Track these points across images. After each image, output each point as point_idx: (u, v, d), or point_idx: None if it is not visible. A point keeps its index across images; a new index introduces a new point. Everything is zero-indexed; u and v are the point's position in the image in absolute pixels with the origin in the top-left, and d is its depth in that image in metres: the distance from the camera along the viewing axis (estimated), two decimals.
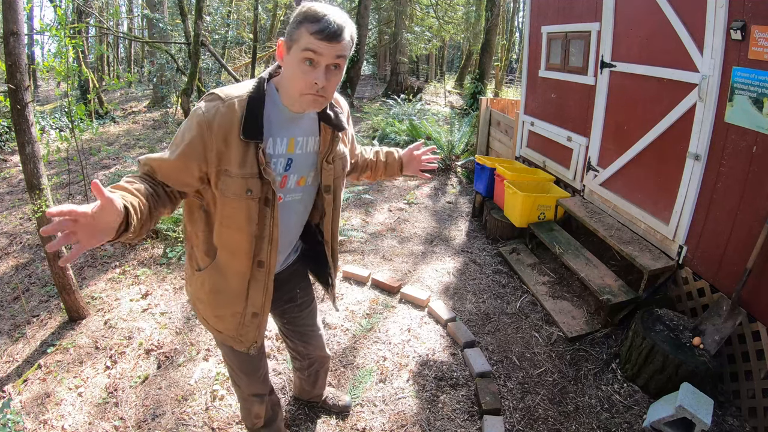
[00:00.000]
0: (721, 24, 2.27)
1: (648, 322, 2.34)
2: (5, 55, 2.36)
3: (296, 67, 1.09)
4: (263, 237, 1.24)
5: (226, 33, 11.27)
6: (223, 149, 1.12)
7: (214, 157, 1.12)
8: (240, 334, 1.38)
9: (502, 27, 15.68)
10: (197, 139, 1.10)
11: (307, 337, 1.76)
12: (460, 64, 16.39)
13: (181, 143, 1.12)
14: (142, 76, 14.09)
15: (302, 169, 1.30)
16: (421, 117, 7.32)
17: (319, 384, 2.02)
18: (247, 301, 1.32)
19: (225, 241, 1.24)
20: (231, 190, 1.15)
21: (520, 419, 2.14)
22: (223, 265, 1.28)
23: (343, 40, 1.08)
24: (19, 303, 3.10)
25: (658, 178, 2.85)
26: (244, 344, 1.41)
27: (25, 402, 2.23)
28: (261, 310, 1.35)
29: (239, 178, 1.14)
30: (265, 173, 1.15)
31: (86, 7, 7.82)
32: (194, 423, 2.08)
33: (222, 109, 1.10)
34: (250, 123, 1.11)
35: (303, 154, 1.28)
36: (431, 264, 3.60)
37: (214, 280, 1.31)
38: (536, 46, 4.33)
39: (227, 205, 1.18)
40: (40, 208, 2.51)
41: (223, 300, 1.33)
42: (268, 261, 1.28)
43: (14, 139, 4.44)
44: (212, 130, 1.10)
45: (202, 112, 1.11)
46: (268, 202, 1.20)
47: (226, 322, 1.37)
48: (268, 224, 1.23)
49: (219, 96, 1.14)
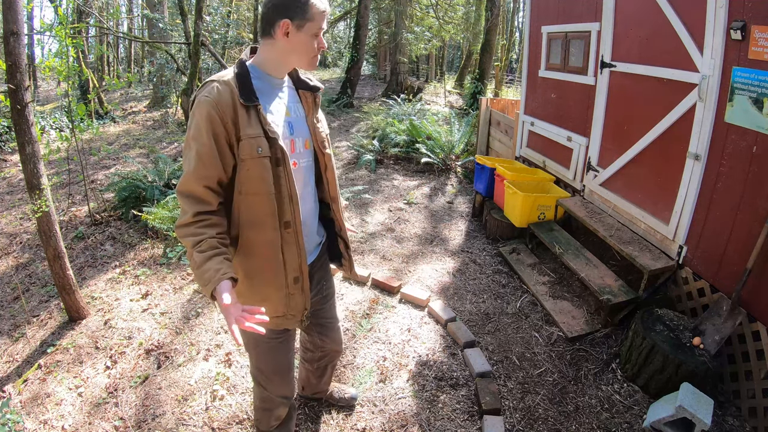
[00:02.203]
0: (721, 24, 2.27)
1: (648, 322, 2.34)
2: (5, 55, 2.36)
3: (310, 40, 1.28)
4: (283, 196, 1.30)
5: (226, 33, 11.27)
6: (234, 116, 1.22)
7: (231, 125, 1.22)
8: (289, 307, 1.41)
9: (502, 27, 15.68)
10: (213, 119, 1.19)
11: (326, 329, 1.77)
12: (460, 64, 16.38)
13: (202, 134, 1.20)
14: (142, 76, 14.09)
15: (302, 131, 1.42)
16: (421, 117, 7.31)
17: (325, 378, 2.02)
18: (285, 268, 1.36)
19: (248, 211, 1.29)
20: (245, 151, 1.23)
21: (520, 419, 2.14)
22: (250, 245, 1.33)
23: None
24: (19, 303, 3.10)
25: (658, 178, 2.85)
26: (296, 317, 1.45)
27: (25, 402, 2.23)
28: (300, 273, 1.39)
29: (248, 138, 1.23)
30: (269, 132, 1.25)
31: (86, 7, 7.82)
32: (194, 423, 2.08)
33: (220, 87, 1.22)
34: (245, 89, 1.24)
35: (297, 118, 1.41)
36: (431, 264, 3.60)
37: (247, 264, 1.35)
38: (536, 46, 4.33)
39: (243, 169, 1.25)
40: (40, 208, 2.51)
41: (261, 279, 1.37)
42: (294, 220, 1.33)
43: (14, 139, 4.44)
44: (221, 105, 1.20)
45: (205, 97, 1.20)
46: (279, 161, 1.28)
47: (272, 300, 1.39)
48: (285, 183, 1.30)
49: (212, 79, 1.26)
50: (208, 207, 1.23)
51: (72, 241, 3.94)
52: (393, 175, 5.87)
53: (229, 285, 1.13)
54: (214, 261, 1.16)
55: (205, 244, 1.18)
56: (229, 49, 13.04)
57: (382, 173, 5.95)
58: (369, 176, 5.80)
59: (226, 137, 1.23)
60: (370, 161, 6.11)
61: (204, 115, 1.20)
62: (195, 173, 1.21)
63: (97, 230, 4.13)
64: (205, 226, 1.21)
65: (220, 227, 1.24)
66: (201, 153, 1.21)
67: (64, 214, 4.48)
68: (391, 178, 5.75)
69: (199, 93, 1.25)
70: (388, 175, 5.86)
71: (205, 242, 1.18)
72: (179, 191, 1.24)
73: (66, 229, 4.17)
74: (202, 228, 1.21)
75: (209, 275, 1.14)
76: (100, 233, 4.07)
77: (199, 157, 1.21)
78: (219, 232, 1.23)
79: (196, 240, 1.19)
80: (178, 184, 1.24)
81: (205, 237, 1.19)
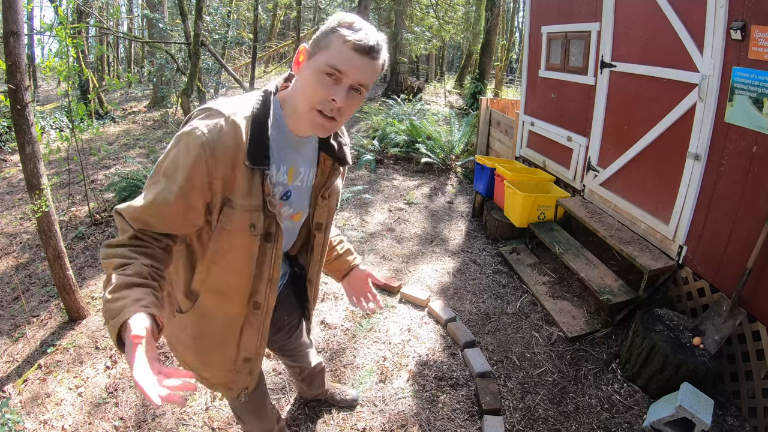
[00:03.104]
0: (721, 24, 2.27)
1: (648, 322, 2.34)
2: (5, 55, 2.36)
3: (316, 76, 0.92)
4: (262, 277, 1.09)
5: (226, 33, 11.26)
6: (229, 175, 0.94)
7: (220, 185, 0.94)
8: (230, 380, 1.24)
9: (502, 27, 15.68)
10: (200, 167, 0.91)
11: (295, 358, 1.73)
12: (460, 64, 16.39)
13: (177, 177, 0.91)
14: (142, 76, 14.09)
15: (299, 203, 1.14)
16: (421, 117, 7.32)
17: (315, 385, 2.01)
18: (239, 347, 1.17)
19: (214, 283, 1.08)
20: (233, 224, 0.98)
21: (520, 419, 2.14)
22: (209, 309, 1.12)
23: (377, 60, 0.94)
24: (19, 303, 3.10)
25: (658, 178, 2.85)
26: (234, 391, 1.28)
27: (25, 402, 2.23)
28: (255, 355, 1.21)
29: (243, 210, 0.97)
30: (270, 205, 1.00)
31: (86, 7, 7.82)
32: (194, 423, 2.08)
33: (225, 128, 0.92)
34: (257, 146, 0.94)
35: (302, 188, 1.13)
36: (431, 264, 3.60)
37: (199, 325, 1.14)
38: (536, 46, 4.33)
39: (223, 240, 1.01)
40: (40, 208, 2.51)
41: (209, 346, 1.17)
42: (266, 302, 1.13)
43: (14, 139, 4.44)
44: (216, 155, 0.91)
45: (201, 133, 0.90)
46: (270, 237, 1.04)
47: (213, 368, 1.21)
48: (269, 262, 1.07)
49: (219, 111, 0.94)
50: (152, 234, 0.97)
51: (72, 241, 3.94)
52: (393, 175, 5.87)
53: (150, 322, 0.80)
54: (135, 290, 0.85)
55: (132, 269, 0.88)
56: (229, 49, 13.04)
57: (382, 173, 5.95)
58: (369, 176, 5.80)
59: (207, 197, 0.95)
60: (370, 161, 6.12)
61: (190, 161, 0.90)
62: (141, 210, 0.94)
63: (97, 230, 4.13)
64: (140, 252, 0.93)
65: (158, 261, 0.95)
66: (160, 204, 0.93)
67: (64, 214, 4.48)
68: (391, 178, 5.75)
69: (196, 120, 0.94)
70: (388, 175, 5.86)
71: (132, 266, 0.89)
72: (119, 211, 0.97)
73: (66, 229, 4.16)
74: (135, 252, 0.92)
75: (121, 305, 0.81)
76: (100, 233, 4.07)
77: (156, 206, 0.93)
78: (155, 264, 0.93)
79: (121, 262, 0.90)
80: (124, 205, 0.97)
81: (135, 262, 0.90)
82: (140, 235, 0.95)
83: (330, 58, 0.91)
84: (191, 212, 0.96)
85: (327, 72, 0.91)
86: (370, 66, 0.93)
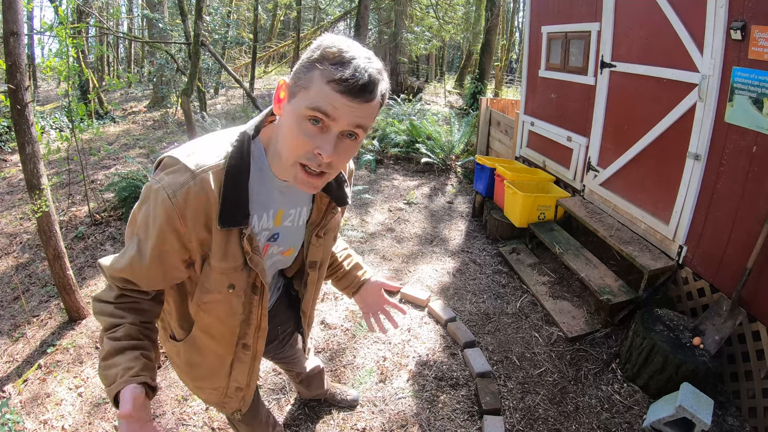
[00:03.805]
0: (721, 24, 2.27)
1: (648, 322, 2.34)
2: (5, 55, 2.36)
3: (296, 123, 0.77)
4: (250, 323, 1.05)
5: (226, 33, 11.27)
6: (204, 236, 0.88)
7: (196, 245, 0.89)
8: (223, 402, 1.24)
9: (502, 27, 15.68)
10: (170, 233, 0.84)
11: (290, 364, 1.73)
12: (460, 64, 16.39)
13: (149, 242, 0.86)
14: (142, 76, 14.09)
15: (290, 241, 1.07)
16: (421, 117, 7.32)
17: (314, 386, 2.00)
18: (229, 378, 1.16)
19: (202, 325, 1.05)
20: (209, 283, 0.94)
21: (520, 419, 2.14)
22: (200, 344, 1.08)
23: (372, 99, 0.77)
24: (19, 303, 3.10)
25: (658, 178, 2.85)
26: (227, 410, 1.28)
27: (25, 402, 2.23)
28: (246, 386, 1.20)
29: (219, 273, 0.91)
30: (251, 263, 0.93)
31: (86, 7, 7.82)
32: (194, 423, 2.08)
33: (194, 189, 0.82)
34: (231, 205, 0.84)
35: (293, 228, 1.04)
36: (431, 264, 3.60)
37: (191, 355, 1.11)
38: (536, 46, 4.33)
39: (205, 295, 0.97)
40: (40, 208, 2.51)
41: (201, 374, 1.15)
42: (255, 346, 1.11)
43: (14, 139, 4.44)
44: (187, 221, 0.83)
45: (167, 197, 0.81)
46: (255, 289, 1.00)
47: (205, 393, 1.21)
48: (256, 312, 1.04)
49: (186, 167, 0.83)
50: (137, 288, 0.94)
51: (72, 241, 3.94)
52: (393, 175, 5.87)
53: (139, 392, 0.83)
54: (126, 356, 0.88)
55: (121, 330, 0.90)
56: (229, 49, 13.05)
57: (382, 173, 5.95)
58: (369, 176, 5.80)
59: (184, 256, 0.90)
60: (370, 161, 6.12)
61: (155, 224, 0.84)
62: (121, 272, 0.91)
63: (97, 230, 4.13)
64: (128, 309, 0.93)
65: (146, 315, 0.96)
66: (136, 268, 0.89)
67: (64, 214, 4.48)
68: (391, 178, 5.75)
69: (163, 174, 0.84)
70: (388, 175, 5.86)
71: (122, 328, 0.90)
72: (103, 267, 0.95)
73: (66, 229, 4.16)
74: (123, 310, 0.93)
75: (114, 373, 0.86)
76: (100, 233, 4.07)
77: (133, 269, 0.90)
78: (144, 320, 0.95)
79: (111, 322, 0.91)
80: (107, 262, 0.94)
81: (124, 322, 0.91)
82: (126, 293, 0.94)
83: (312, 102, 0.74)
84: (171, 271, 0.92)
85: (310, 117, 0.76)
86: (364, 108, 0.76)
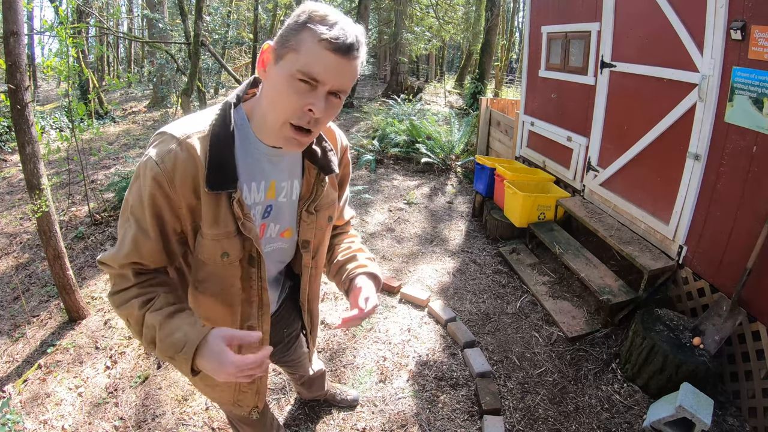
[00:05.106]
0: (721, 24, 2.27)
1: (648, 322, 2.34)
2: (5, 55, 2.36)
3: (286, 84, 0.80)
4: (251, 301, 1.03)
5: (226, 33, 11.27)
6: (194, 203, 0.88)
7: (186, 212, 0.89)
8: (237, 399, 1.22)
9: (502, 27, 15.69)
10: (162, 200, 0.85)
11: (294, 367, 1.71)
12: (460, 64, 16.39)
13: (145, 215, 0.87)
14: (142, 76, 14.10)
15: (285, 218, 1.04)
16: (421, 117, 7.32)
17: (314, 388, 2.00)
18: None
19: (203, 311, 1.03)
20: (204, 253, 0.92)
21: (520, 419, 2.14)
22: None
23: (357, 59, 0.82)
24: (19, 303, 3.10)
25: (658, 178, 2.85)
26: (244, 409, 1.25)
27: (25, 402, 2.23)
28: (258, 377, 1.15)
29: (211, 240, 0.90)
30: (244, 229, 0.91)
31: (86, 7, 7.82)
32: (194, 423, 2.08)
33: (181, 154, 0.84)
34: (217, 168, 0.85)
35: (287, 202, 1.03)
36: (431, 264, 3.60)
37: None
38: (536, 46, 4.33)
39: (201, 269, 0.96)
40: (40, 208, 2.51)
41: None
42: (261, 326, 1.08)
43: (14, 139, 4.44)
44: (175, 185, 0.84)
45: (155, 164, 0.83)
46: (252, 261, 0.97)
47: (218, 391, 1.18)
48: (255, 287, 1.01)
49: (173, 135, 0.86)
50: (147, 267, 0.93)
51: (72, 241, 3.94)
52: (393, 175, 5.87)
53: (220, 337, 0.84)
54: (181, 318, 0.87)
55: (161, 301, 0.89)
56: (229, 49, 13.05)
57: (382, 173, 5.95)
58: (369, 176, 5.80)
59: (176, 227, 0.90)
60: (370, 161, 6.12)
61: (147, 193, 0.84)
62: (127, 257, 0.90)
63: (97, 230, 4.13)
64: (153, 284, 0.93)
65: (171, 285, 0.96)
66: (141, 246, 0.89)
67: (64, 214, 4.48)
68: (391, 178, 5.75)
69: (150, 148, 0.87)
70: (388, 175, 5.86)
71: (159, 300, 0.89)
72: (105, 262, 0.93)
73: (66, 229, 4.16)
74: (149, 286, 0.92)
75: (181, 334, 0.84)
76: (100, 233, 4.07)
77: (135, 243, 0.88)
78: (171, 289, 0.94)
79: (144, 299, 0.89)
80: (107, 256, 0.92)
81: (156, 294, 0.90)
82: (141, 271, 0.93)
83: (303, 62, 0.78)
84: (171, 244, 0.92)
85: (300, 78, 0.79)
86: (349, 68, 0.81)
